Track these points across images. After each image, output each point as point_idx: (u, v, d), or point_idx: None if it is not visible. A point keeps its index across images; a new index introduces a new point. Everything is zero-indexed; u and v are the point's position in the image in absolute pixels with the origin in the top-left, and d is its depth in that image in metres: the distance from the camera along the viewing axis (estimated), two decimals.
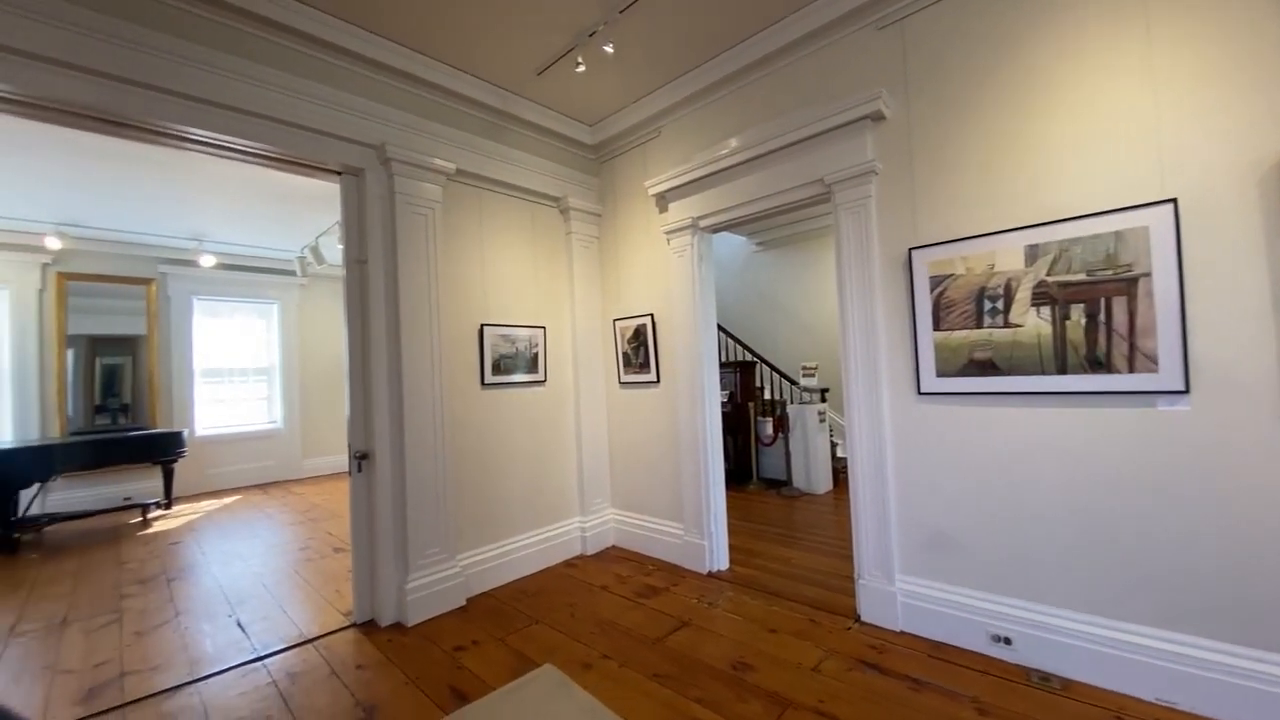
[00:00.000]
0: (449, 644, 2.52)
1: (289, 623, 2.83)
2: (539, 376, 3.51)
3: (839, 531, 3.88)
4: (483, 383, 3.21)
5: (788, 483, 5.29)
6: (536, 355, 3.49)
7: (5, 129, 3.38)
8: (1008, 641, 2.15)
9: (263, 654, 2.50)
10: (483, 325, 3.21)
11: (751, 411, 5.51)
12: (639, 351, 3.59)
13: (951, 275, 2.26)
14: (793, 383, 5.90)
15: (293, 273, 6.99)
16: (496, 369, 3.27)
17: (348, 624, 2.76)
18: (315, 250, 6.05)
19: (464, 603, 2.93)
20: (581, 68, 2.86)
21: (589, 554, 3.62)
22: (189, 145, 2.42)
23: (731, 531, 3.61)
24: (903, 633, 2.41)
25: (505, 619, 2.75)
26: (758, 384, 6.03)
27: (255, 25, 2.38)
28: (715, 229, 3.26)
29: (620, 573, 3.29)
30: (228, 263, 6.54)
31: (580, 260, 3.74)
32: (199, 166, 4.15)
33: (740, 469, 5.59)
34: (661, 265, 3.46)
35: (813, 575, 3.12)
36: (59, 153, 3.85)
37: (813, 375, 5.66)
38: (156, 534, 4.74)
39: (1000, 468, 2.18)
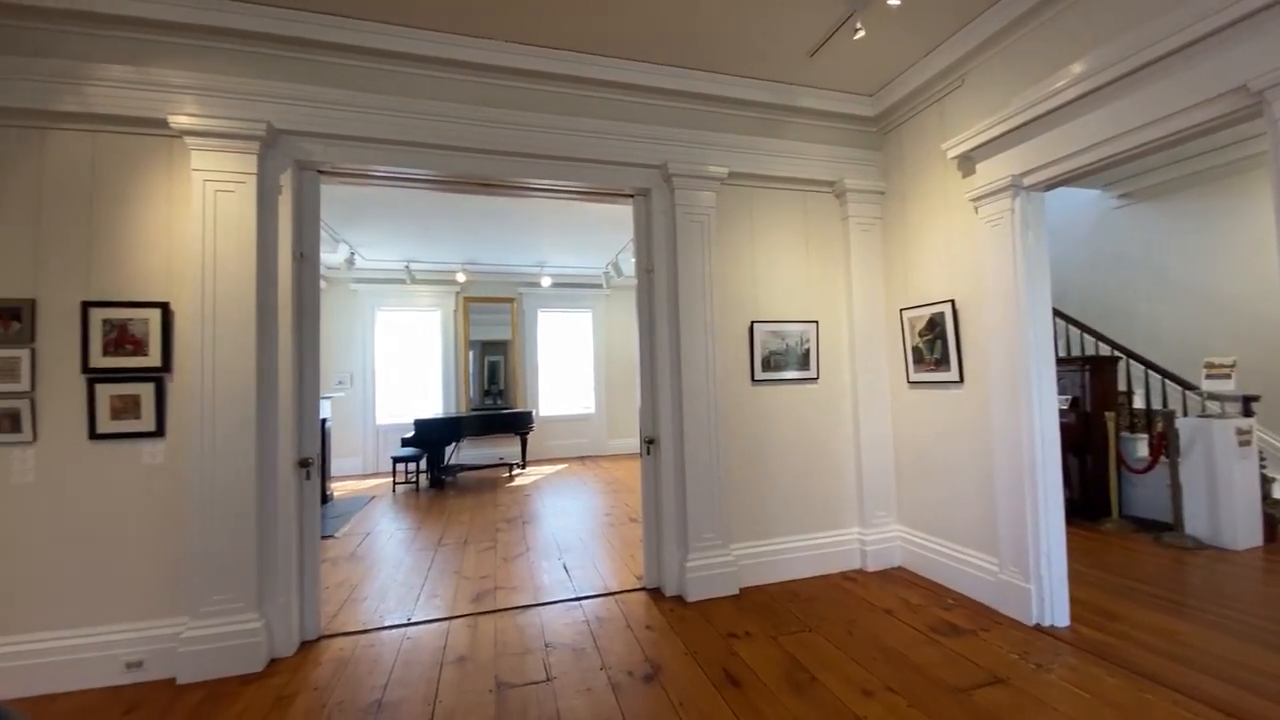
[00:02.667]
0: (723, 627, 2.62)
1: (597, 575, 3.39)
2: (811, 374, 3.35)
3: (1277, 610, 2.57)
4: (753, 379, 3.24)
5: (1173, 527, 3.78)
6: (808, 351, 3.34)
7: (431, 200, 4.99)
8: None
9: (579, 596, 3.06)
10: (752, 323, 3.23)
11: (1110, 424, 4.13)
12: (934, 345, 3.07)
13: None
14: (1185, 386, 4.19)
15: (600, 285, 8.43)
16: (766, 365, 3.26)
17: (639, 587, 3.15)
18: (615, 265, 7.13)
19: (737, 591, 3.01)
20: (860, 33, 2.60)
21: (870, 570, 3.28)
22: (533, 193, 3.14)
23: (1075, 580, 2.77)
24: None
25: (777, 617, 2.71)
26: (1120, 386, 4.49)
27: (570, 85, 2.92)
28: (1049, 185, 2.54)
29: (909, 599, 2.88)
30: (558, 281, 8.28)
31: (859, 246, 3.41)
32: (539, 210, 5.35)
33: (1090, 500, 4.26)
34: (965, 240, 2.88)
35: (1221, 665, 2.14)
36: (463, 211, 5.48)
37: (1226, 376, 3.88)
38: (516, 487, 6.33)
39: None
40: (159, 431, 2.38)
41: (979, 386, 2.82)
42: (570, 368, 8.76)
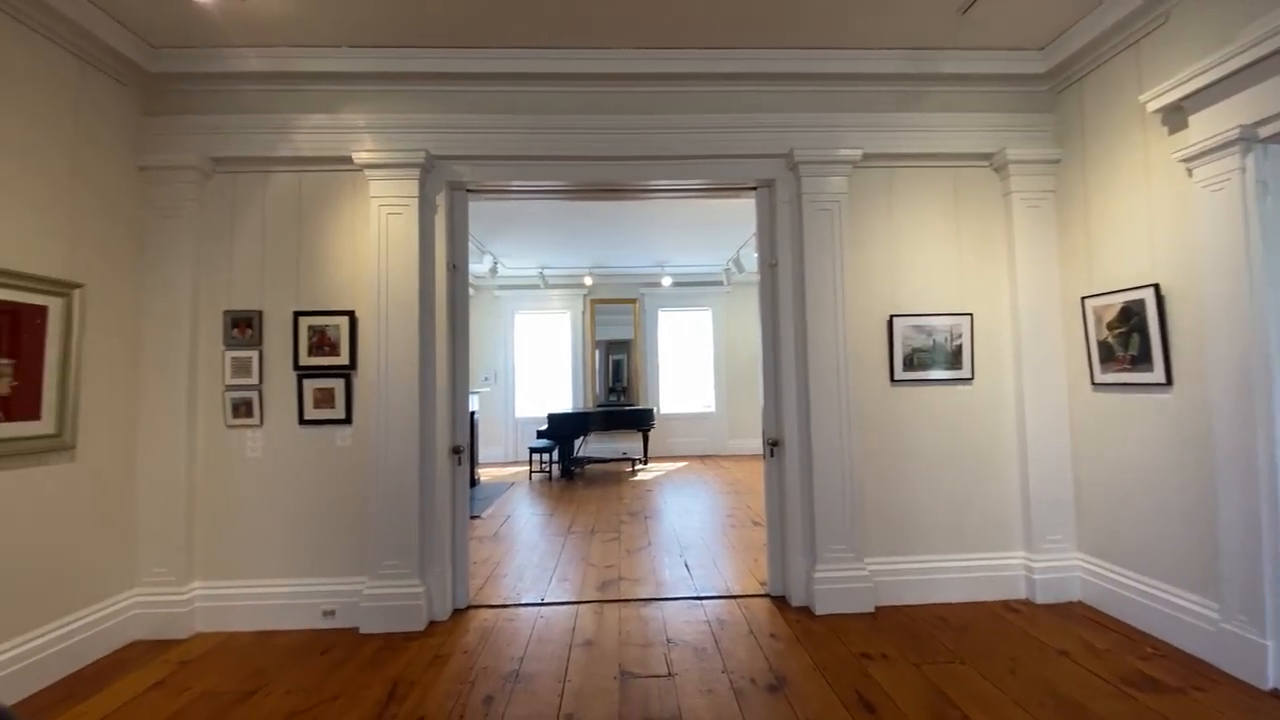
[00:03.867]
0: (856, 646, 2.43)
1: (718, 575, 3.35)
2: (963, 373, 2.98)
3: None
4: (892, 379, 2.97)
5: None
6: (960, 348, 2.97)
7: (562, 209, 5.30)
8: None
9: (701, 595, 3.05)
10: (891, 316, 2.96)
11: None
12: (1129, 340, 2.55)
13: None
14: None
15: (720, 283, 8.34)
16: (909, 364, 2.96)
17: (763, 593, 3.06)
18: (736, 261, 7.00)
19: (872, 610, 2.78)
20: None
21: (1038, 602, 2.83)
22: (655, 194, 3.20)
23: None
24: None
25: (921, 643, 2.45)
26: None
27: (691, 82, 2.90)
28: None
29: (1092, 641, 2.44)
30: (678, 280, 8.34)
31: (1025, 226, 2.95)
32: (660, 210, 5.43)
33: None
34: (1173, 212, 2.35)
35: None
36: (591, 218, 5.76)
37: None
38: (639, 481, 6.51)
39: None
40: (348, 419, 2.83)
41: (1193, 390, 2.29)
42: (690, 366, 8.79)
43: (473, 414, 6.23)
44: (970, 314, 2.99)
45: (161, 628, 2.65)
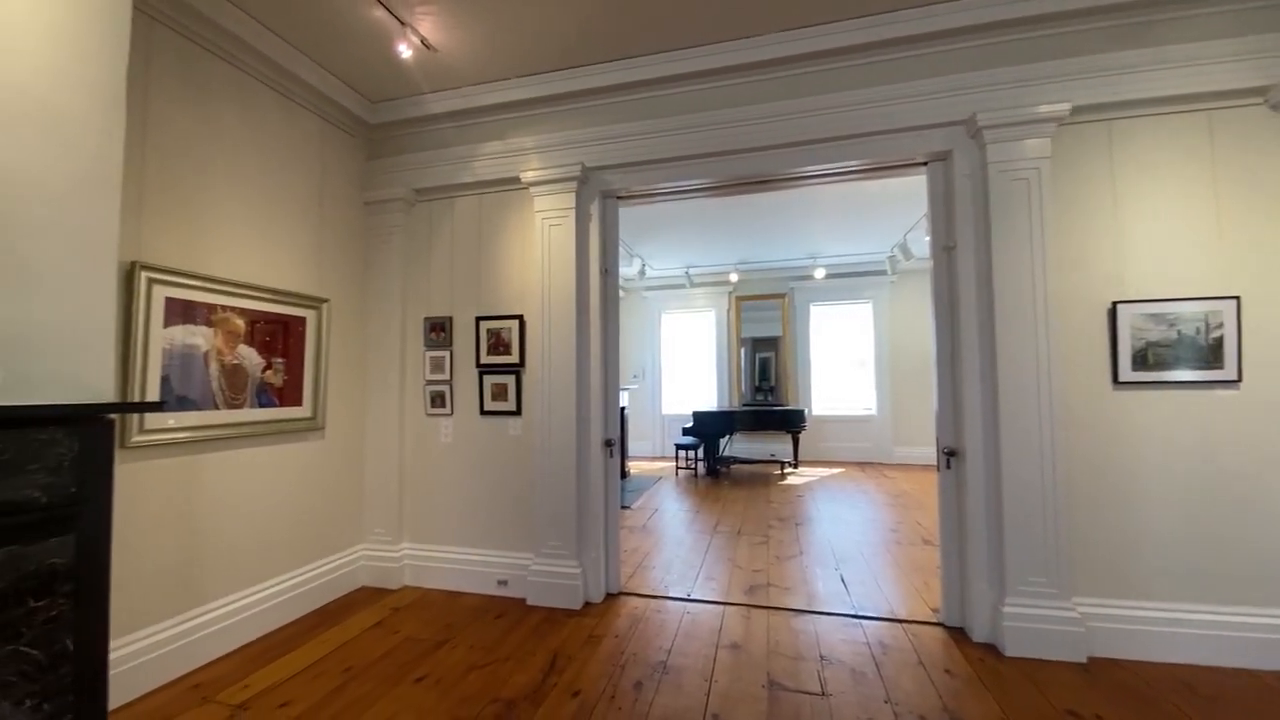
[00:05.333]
0: (1060, 701, 2.03)
1: (880, 595, 3.05)
2: (1224, 373, 2.31)
3: None
4: (1115, 380, 2.41)
5: None
6: (1219, 340, 2.31)
7: (708, 208, 5.28)
8: None
9: (858, 614, 2.81)
10: (1114, 304, 2.40)
11: None
12: None
13: None
14: None
15: (883, 272, 7.60)
16: (1140, 362, 2.38)
17: (935, 620, 2.71)
18: (903, 247, 6.32)
19: (1084, 660, 2.30)
20: None
21: None
22: (808, 181, 3.01)
23: None
24: None
25: (1152, 710, 1.96)
26: None
27: (848, 56, 2.68)
28: None
29: None
30: (833, 272, 7.79)
31: None
32: (812, 198, 5.12)
33: None
34: None
35: None
36: (737, 214, 5.66)
37: None
38: (788, 485, 6.23)
39: None
40: (518, 411, 3.16)
41: None
42: (847, 364, 8.16)
43: (623, 410, 6.53)
44: (1237, 297, 2.30)
45: (380, 578, 3.23)
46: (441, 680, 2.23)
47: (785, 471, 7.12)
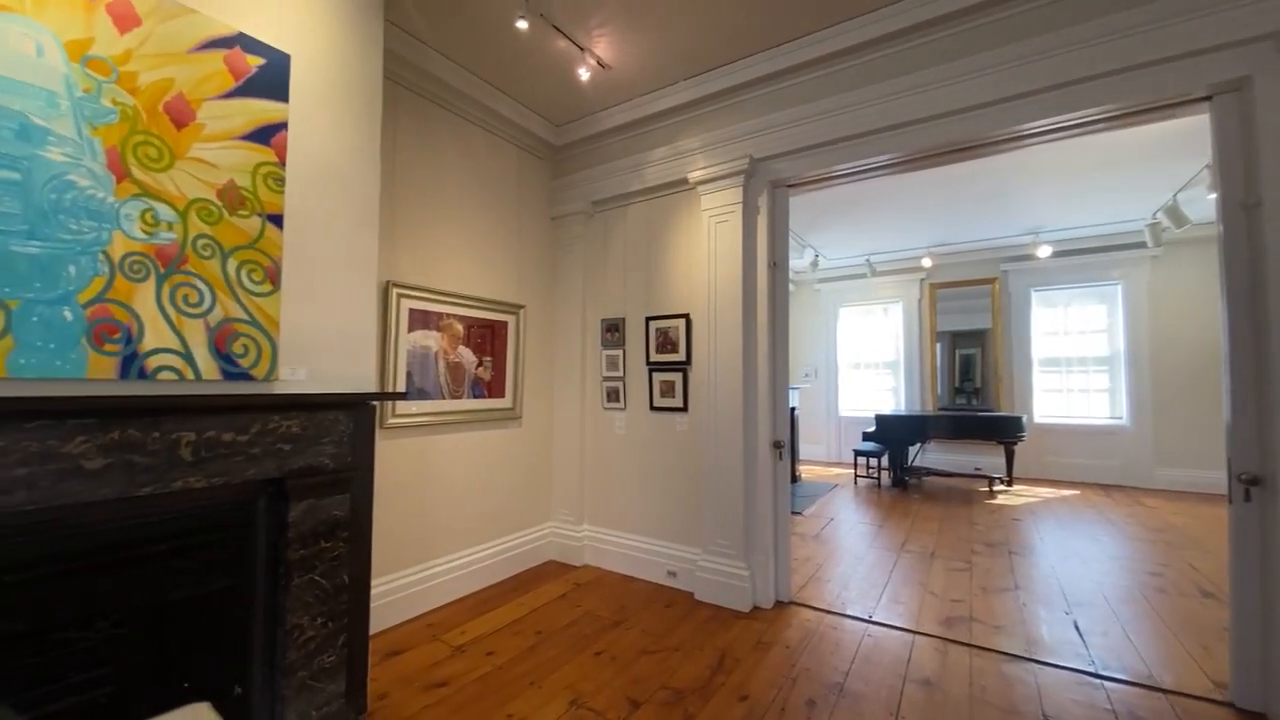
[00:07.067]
0: None
1: (1134, 654, 2.41)
2: None
3: None
4: None
5: None
6: None
7: (890, 187, 4.73)
8: None
9: (1101, 673, 2.25)
10: None
11: None
12: None
13: None
14: None
15: (1140, 244, 5.96)
16: None
17: (1218, 698, 2.04)
18: (1172, 210, 4.91)
19: None
20: None
21: None
22: (1023, 142, 2.52)
23: None
24: None
25: None
26: None
27: None
28: None
29: None
30: (1063, 249, 6.39)
31: None
32: (1027, 161, 4.26)
33: None
34: None
35: None
36: (926, 190, 4.98)
37: None
38: (1000, 506, 5.29)
39: None
40: (684, 408, 3.22)
41: None
42: (1086, 363, 6.61)
43: (793, 410, 6.24)
44: None
45: (565, 554, 3.58)
46: (617, 658, 2.38)
47: (995, 489, 6.06)
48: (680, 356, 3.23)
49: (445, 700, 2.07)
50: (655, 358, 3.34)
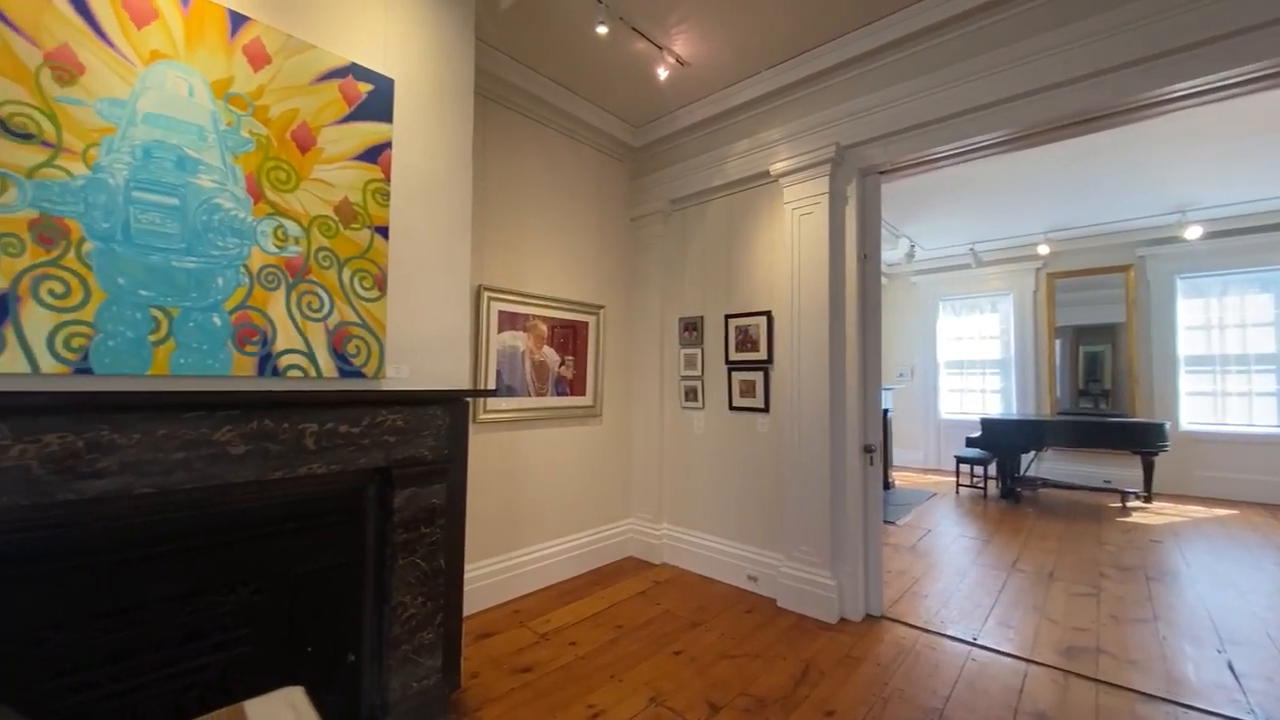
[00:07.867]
0: None
1: None
2: None
3: None
4: None
5: None
6: None
7: (997, 167, 4.28)
8: None
9: None
10: None
11: None
12: None
13: None
14: None
15: None
16: None
17: None
18: None
19: None
20: None
21: None
22: (1164, 108, 2.19)
23: None
24: None
25: None
26: None
27: None
28: None
29: None
30: (1217, 229, 5.49)
31: None
32: (1169, 131, 3.69)
33: None
34: None
35: None
36: (1041, 169, 4.47)
37: None
38: (1135, 524, 4.64)
39: None
40: (766, 408, 3.13)
41: None
42: (1248, 362, 5.63)
43: (886, 412, 5.85)
44: None
45: (645, 552, 3.61)
46: (696, 659, 2.36)
47: (1129, 505, 5.32)
48: (761, 355, 3.14)
49: (530, 685, 2.16)
50: (735, 356, 3.27)
